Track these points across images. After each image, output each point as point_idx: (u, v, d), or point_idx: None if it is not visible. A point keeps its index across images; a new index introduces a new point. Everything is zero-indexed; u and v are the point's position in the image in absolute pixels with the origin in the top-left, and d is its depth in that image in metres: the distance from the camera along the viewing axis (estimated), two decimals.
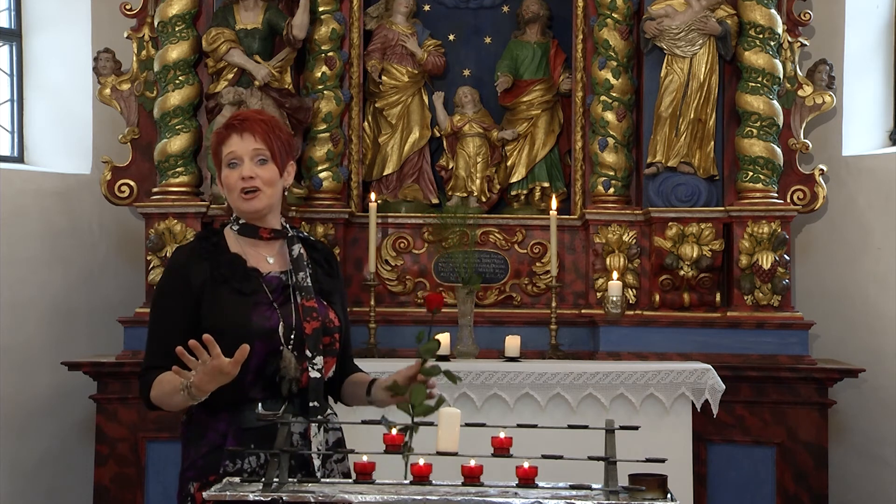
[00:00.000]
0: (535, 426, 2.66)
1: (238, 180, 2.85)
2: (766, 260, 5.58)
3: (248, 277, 2.85)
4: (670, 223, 5.65)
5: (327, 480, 2.62)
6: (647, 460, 2.48)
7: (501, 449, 2.56)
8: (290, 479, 2.53)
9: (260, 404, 2.79)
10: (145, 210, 5.67)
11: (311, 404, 2.81)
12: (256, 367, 2.78)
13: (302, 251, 2.95)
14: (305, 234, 3.07)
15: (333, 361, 2.94)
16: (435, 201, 6.18)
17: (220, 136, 2.90)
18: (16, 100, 6.34)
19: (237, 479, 2.54)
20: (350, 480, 2.61)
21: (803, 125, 5.88)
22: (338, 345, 2.92)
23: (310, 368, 2.82)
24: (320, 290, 2.94)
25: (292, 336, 2.82)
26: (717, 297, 5.73)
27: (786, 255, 5.63)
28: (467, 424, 2.56)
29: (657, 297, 5.72)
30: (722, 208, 5.67)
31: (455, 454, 2.53)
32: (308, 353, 2.82)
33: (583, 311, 5.79)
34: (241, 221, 2.92)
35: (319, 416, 2.82)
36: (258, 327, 2.79)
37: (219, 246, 2.89)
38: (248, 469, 2.76)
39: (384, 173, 6.18)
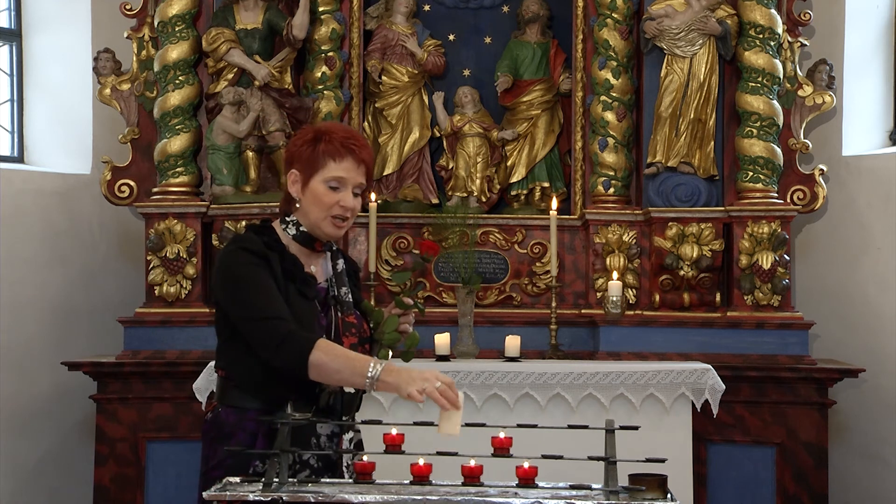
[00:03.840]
0: (535, 426, 2.66)
1: (336, 205, 2.82)
2: (766, 260, 5.58)
3: (308, 283, 2.84)
4: (670, 223, 5.65)
5: (328, 481, 2.62)
6: (647, 460, 2.48)
7: (501, 449, 2.56)
8: (290, 479, 2.54)
9: (289, 404, 2.77)
10: (145, 210, 5.68)
11: (343, 418, 2.82)
12: None
13: (343, 267, 2.96)
14: (339, 248, 3.07)
15: None
16: (435, 201, 6.18)
17: (332, 151, 2.81)
18: (16, 100, 6.35)
19: (237, 479, 2.55)
20: (352, 480, 2.62)
21: (803, 125, 5.87)
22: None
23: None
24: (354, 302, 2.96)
25: None
26: (717, 297, 5.73)
27: (786, 255, 5.63)
28: (467, 424, 2.56)
29: (657, 297, 5.72)
30: (722, 208, 5.67)
31: (456, 436, 2.53)
32: None
33: (583, 311, 5.78)
34: (301, 228, 2.88)
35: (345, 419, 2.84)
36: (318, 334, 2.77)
37: (279, 242, 2.86)
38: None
39: (384, 173, 6.18)
